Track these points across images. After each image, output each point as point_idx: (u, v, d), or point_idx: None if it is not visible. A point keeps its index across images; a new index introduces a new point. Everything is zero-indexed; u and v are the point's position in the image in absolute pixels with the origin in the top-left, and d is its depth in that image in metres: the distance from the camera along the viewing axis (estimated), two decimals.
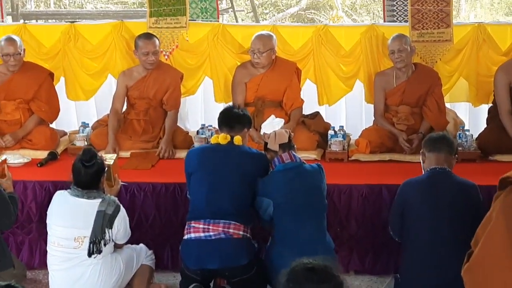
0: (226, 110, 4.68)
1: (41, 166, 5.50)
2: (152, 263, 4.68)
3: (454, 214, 4.16)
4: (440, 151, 4.33)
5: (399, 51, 5.70)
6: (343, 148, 5.62)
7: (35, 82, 5.94)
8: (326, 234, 4.30)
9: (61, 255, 4.26)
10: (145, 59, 5.86)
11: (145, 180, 5.11)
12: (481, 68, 6.15)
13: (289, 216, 4.20)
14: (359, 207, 4.93)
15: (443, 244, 4.12)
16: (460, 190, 4.25)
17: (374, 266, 5.00)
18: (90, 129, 6.01)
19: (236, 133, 4.47)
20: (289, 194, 4.20)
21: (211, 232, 4.22)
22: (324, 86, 6.35)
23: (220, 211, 4.24)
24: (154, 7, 6.40)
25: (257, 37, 5.85)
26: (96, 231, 4.20)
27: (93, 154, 4.35)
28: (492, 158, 5.55)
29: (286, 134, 4.40)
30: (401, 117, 5.79)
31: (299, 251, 4.06)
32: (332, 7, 17.25)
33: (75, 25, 6.49)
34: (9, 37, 5.91)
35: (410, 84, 5.82)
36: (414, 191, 4.29)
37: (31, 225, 5.15)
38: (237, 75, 6.00)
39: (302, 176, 4.28)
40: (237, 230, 4.24)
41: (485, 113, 6.20)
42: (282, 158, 4.33)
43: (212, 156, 4.44)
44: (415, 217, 4.23)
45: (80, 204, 4.26)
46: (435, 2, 6.13)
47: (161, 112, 5.99)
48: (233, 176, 4.31)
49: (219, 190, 4.29)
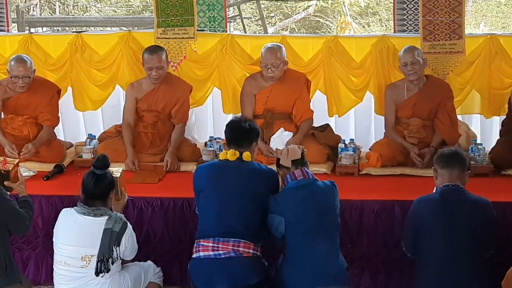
0: (232, 126, 4.51)
1: (47, 179, 5.44)
2: (160, 281, 4.63)
3: (468, 233, 4.09)
4: (452, 168, 4.26)
5: (412, 64, 5.62)
6: (353, 162, 5.55)
7: (44, 100, 5.85)
8: (339, 254, 4.23)
9: (68, 274, 4.20)
10: (149, 74, 5.80)
11: (152, 195, 5.04)
12: (493, 80, 6.08)
13: (301, 235, 4.12)
14: (370, 223, 4.86)
15: (457, 262, 4.06)
16: (473, 208, 4.17)
17: (387, 285, 4.92)
18: (96, 141, 5.95)
19: (245, 149, 4.38)
20: (302, 213, 4.12)
21: (221, 250, 4.15)
22: (334, 97, 6.29)
23: (230, 230, 4.17)
24: (162, 18, 6.34)
25: (269, 51, 5.75)
26: (103, 250, 4.14)
27: (106, 162, 4.31)
28: (505, 172, 5.47)
29: (299, 151, 4.32)
30: (412, 129, 5.70)
31: (312, 271, 4.04)
32: (340, 13, 17.19)
33: (82, 35, 6.44)
34: (19, 57, 5.75)
35: (421, 97, 5.74)
36: (427, 209, 4.22)
37: (37, 240, 5.10)
38: (246, 87, 5.93)
39: (315, 194, 4.20)
40: (247, 248, 4.17)
41: (497, 125, 6.15)
42: (294, 175, 4.25)
43: (221, 174, 4.35)
44: (429, 236, 4.17)
45: (87, 222, 4.19)
46: (447, 13, 6.05)
47: (170, 125, 5.92)
48: (243, 194, 4.22)
49: (228, 208, 4.21)
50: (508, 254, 4.68)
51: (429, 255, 4.15)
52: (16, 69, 5.64)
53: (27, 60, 5.72)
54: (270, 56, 5.71)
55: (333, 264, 4.13)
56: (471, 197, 4.23)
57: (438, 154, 4.43)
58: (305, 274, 4.05)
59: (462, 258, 4.06)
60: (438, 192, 4.28)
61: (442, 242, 4.10)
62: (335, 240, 4.22)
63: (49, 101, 5.88)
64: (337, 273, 4.11)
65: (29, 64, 5.69)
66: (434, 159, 4.43)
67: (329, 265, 4.09)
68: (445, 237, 4.10)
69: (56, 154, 5.80)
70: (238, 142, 4.39)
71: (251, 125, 4.49)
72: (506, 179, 5.40)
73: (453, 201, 4.18)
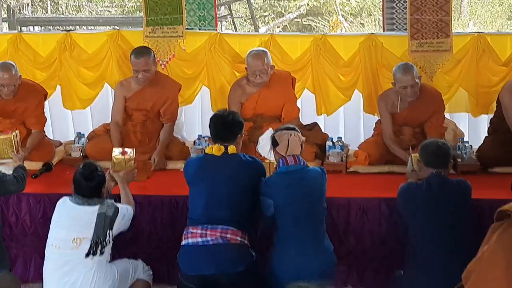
0: (216, 121, 4.57)
1: (36, 177, 5.43)
2: (149, 278, 4.65)
3: (455, 213, 4.29)
4: (437, 167, 4.41)
5: (411, 87, 5.52)
6: (341, 160, 5.56)
7: (31, 106, 5.81)
8: (325, 237, 4.29)
9: (57, 257, 4.26)
10: (136, 76, 5.80)
11: (141, 193, 5.04)
12: (480, 78, 6.09)
13: (288, 218, 4.19)
14: (357, 221, 4.88)
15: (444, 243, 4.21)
16: (456, 189, 4.39)
17: (374, 282, 4.94)
18: (85, 140, 5.94)
19: (230, 143, 4.47)
20: (289, 197, 4.20)
21: (209, 237, 4.22)
22: (323, 96, 6.30)
23: (218, 217, 4.25)
24: (151, 16, 6.34)
25: (255, 57, 5.74)
26: (98, 233, 4.24)
27: (93, 168, 4.38)
28: (491, 170, 5.49)
29: (299, 145, 4.37)
30: (403, 139, 5.71)
31: (298, 254, 4.12)
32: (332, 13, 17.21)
33: (71, 34, 6.43)
34: (4, 65, 5.61)
35: (413, 109, 5.69)
36: (414, 194, 4.37)
37: (25, 238, 5.11)
38: (232, 94, 5.93)
39: (304, 179, 4.27)
40: (235, 235, 4.24)
41: (485, 123, 6.17)
42: (286, 161, 4.32)
43: (208, 166, 4.43)
44: (416, 219, 4.32)
45: (81, 210, 4.30)
46: (434, 11, 6.06)
47: (158, 124, 5.93)
48: (230, 184, 4.32)
49: (216, 197, 4.30)
50: None
51: (417, 238, 4.28)
52: (1, 77, 5.56)
53: (12, 67, 5.60)
54: (257, 63, 5.71)
55: (319, 247, 4.20)
56: (452, 180, 4.43)
57: (424, 147, 4.53)
58: (291, 257, 4.13)
59: (452, 240, 4.20)
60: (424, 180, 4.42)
61: (430, 224, 4.25)
62: (322, 224, 4.29)
63: (36, 106, 5.84)
64: (323, 256, 4.19)
65: (14, 72, 5.58)
66: (419, 150, 4.55)
67: (315, 248, 4.16)
68: (431, 220, 4.25)
69: (45, 152, 5.79)
70: (223, 137, 4.48)
71: (235, 118, 4.55)
72: (493, 177, 5.42)
73: (437, 186, 4.33)
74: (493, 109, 5.93)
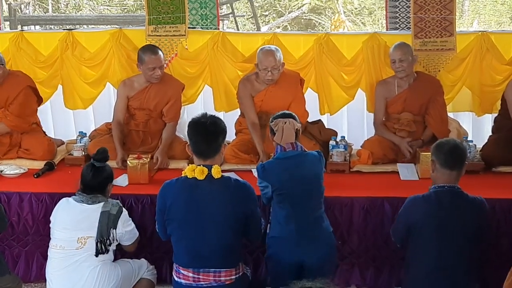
0: (195, 131, 3.97)
1: (38, 177, 5.41)
2: (153, 278, 4.64)
3: (462, 234, 4.03)
4: (452, 169, 4.10)
5: (400, 61, 5.66)
6: (344, 159, 5.54)
7: (13, 93, 5.78)
8: (324, 219, 4.26)
9: (61, 256, 4.23)
10: (151, 74, 5.75)
11: (143, 192, 5.02)
12: (484, 77, 6.08)
13: (287, 202, 4.15)
14: (360, 220, 4.85)
15: (450, 261, 4.01)
16: (469, 210, 4.07)
17: (376, 281, 4.91)
18: (87, 139, 5.92)
19: (213, 159, 3.96)
20: (288, 181, 4.14)
21: (202, 281, 3.97)
22: (326, 95, 6.28)
23: (209, 263, 3.94)
24: (153, 15, 6.32)
25: (267, 53, 5.67)
26: (102, 231, 4.22)
27: (106, 155, 4.42)
28: (496, 169, 5.46)
29: (293, 132, 4.28)
30: (403, 123, 5.73)
31: (297, 235, 4.11)
32: (334, 12, 17.19)
33: (73, 32, 6.41)
34: None
35: (411, 93, 5.76)
36: (422, 211, 4.09)
37: (27, 238, 5.08)
38: (243, 90, 5.84)
39: (302, 162, 4.21)
40: (229, 276, 3.99)
41: (489, 122, 6.14)
42: (284, 147, 4.27)
43: (191, 199, 3.92)
44: (421, 236, 4.08)
45: (84, 209, 4.29)
46: (438, 10, 6.05)
47: (161, 123, 5.91)
48: (218, 223, 3.90)
49: (204, 241, 3.91)
50: (497, 250, 4.70)
51: (420, 253, 4.09)
52: None
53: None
54: (270, 59, 5.64)
55: (318, 228, 4.18)
56: (467, 198, 4.11)
57: (439, 147, 4.18)
58: (290, 240, 4.11)
59: (455, 256, 4.01)
60: (433, 192, 4.14)
61: (436, 243, 4.02)
62: (320, 206, 4.25)
63: (18, 96, 5.80)
64: (322, 236, 4.18)
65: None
66: (433, 149, 4.20)
67: (315, 230, 4.15)
68: (438, 238, 4.01)
69: (46, 151, 5.78)
70: (203, 153, 3.95)
71: (217, 125, 3.98)
72: (497, 176, 5.39)
73: (448, 204, 4.06)
74: (497, 108, 5.92)
